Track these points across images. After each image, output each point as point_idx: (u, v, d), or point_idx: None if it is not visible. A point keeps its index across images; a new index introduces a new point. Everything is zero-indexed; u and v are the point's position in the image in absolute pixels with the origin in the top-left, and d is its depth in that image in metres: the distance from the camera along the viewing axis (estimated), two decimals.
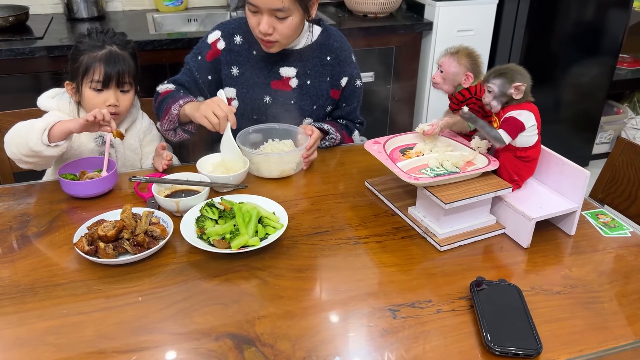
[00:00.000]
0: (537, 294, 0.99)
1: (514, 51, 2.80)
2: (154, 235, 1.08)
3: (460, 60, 1.19)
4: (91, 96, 1.40)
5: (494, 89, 1.12)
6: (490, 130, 1.13)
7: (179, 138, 1.52)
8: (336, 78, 1.57)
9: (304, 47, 1.53)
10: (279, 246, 1.11)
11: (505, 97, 1.12)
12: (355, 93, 1.62)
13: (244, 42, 1.53)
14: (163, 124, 1.48)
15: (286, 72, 1.53)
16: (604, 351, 0.87)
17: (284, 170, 1.36)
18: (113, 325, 0.90)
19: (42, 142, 1.24)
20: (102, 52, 1.39)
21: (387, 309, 0.95)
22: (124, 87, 1.42)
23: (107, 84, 1.39)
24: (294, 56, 1.53)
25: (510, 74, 1.10)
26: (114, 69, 1.38)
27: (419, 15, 2.75)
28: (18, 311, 0.93)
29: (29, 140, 1.23)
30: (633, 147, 1.52)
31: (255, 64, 1.53)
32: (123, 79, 1.40)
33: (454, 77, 1.21)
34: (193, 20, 2.75)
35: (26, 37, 2.25)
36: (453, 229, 1.12)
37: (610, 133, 3.28)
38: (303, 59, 1.54)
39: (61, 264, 1.05)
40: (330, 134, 1.53)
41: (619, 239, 1.15)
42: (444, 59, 1.22)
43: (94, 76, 1.38)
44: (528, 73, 1.12)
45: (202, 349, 0.86)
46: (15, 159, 1.30)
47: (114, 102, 1.40)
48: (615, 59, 2.94)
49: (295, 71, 1.53)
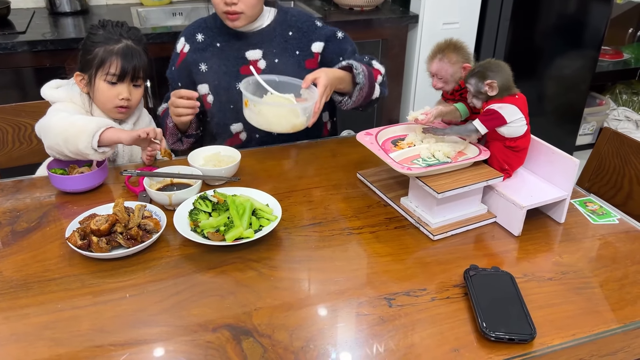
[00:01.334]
0: (529, 281, 1.00)
1: (498, 44, 2.82)
2: (147, 228, 1.08)
3: (451, 59, 1.20)
4: (105, 88, 1.39)
5: (470, 89, 1.15)
6: (460, 129, 1.17)
7: (187, 145, 1.58)
8: (305, 49, 1.56)
9: (264, 28, 1.55)
10: (273, 238, 1.11)
11: (482, 94, 1.14)
12: (343, 42, 1.59)
13: (206, 38, 1.56)
14: (168, 139, 1.54)
15: (252, 54, 1.54)
16: (596, 335, 0.89)
17: (296, 125, 1.33)
18: (109, 319, 0.90)
19: (92, 147, 1.23)
20: (119, 46, 1.38)
21: (382, 297, 0.96)
22: (137, 82, 1.42)
23: (122, 78, 1.38)
24: (256, 38, 1.54)
25: (481, 72, 1.12)
26: (130, 64, 1.38)
27: (405, 8, 2.76)
28: (12, 307, 0.92)
29: (80, 142, 1.22)
30: (618, 136, 1.54)
31: (220, 55, 1.55)
32: (137, 74, 1.40)
33: (453, 76, 1.22)
34: (178, 14, 2.73)
35: (8, 31, 2.21)
36: (445, 219, 1.13)
37: (593, 124, 3.33)
38: (265, 39, 1.54)
39: (53, 259, 1.04)
40: (356, 68, 1.43)
41: (607, 226, 1.17)
42: (436, 66, 1.22)
43: (110, 69, 1.37)
44: (507, 66, 1.14)
45: (199, 341, 0.86)
46: (54, 149, 1.28)
47: (127, 96, 1.40)
48: (597, 51, 2.98)
49: (261, 52, 1.54)
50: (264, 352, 0.84)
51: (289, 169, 1.41)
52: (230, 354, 0.83)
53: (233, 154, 1.35)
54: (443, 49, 1.21)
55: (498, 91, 1.12)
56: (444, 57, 1.21)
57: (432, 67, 1.23)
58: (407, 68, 2.83)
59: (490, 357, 0.84)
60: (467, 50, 1.22)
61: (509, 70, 1.14)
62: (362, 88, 1.44)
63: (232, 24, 1.47)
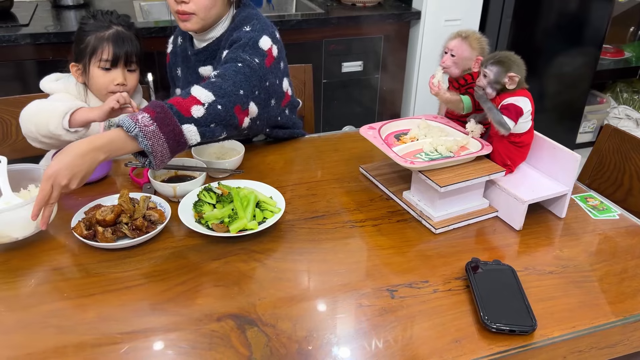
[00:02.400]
0: (530, 274, 1.01)
1: (500, 41, 2.83)
2: (152, 219, 1.09)
3: (473, 45, 1.20)
4: (99, 75, 1.41)
5: (489, 75, 1.13)
6: (496, 114, 1.13)
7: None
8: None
9: (214, 41, 1.40)
10: (276, 230, 1.12)
11: (499, 84, 1.13)
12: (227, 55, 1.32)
13: (183, 43, 1.51)
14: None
15: (204, 71, 1.45)
16: (595, 327, 0.90)
17: None
18: (115, 308, 0.91)
19: (63, 127, 1.24)
20: (110, 32, 1.40)
21: (385, 289, 0.97)
22: (131, 67, 1.44)
23: (115, 63, 1.40)
24: (204, 54, 1.43)
25: (507, 63, 1.12)
26: (122, 49, 1.40)
27: (407, 4, 2.77)
28: (18, 295, 0.93)
29: (50, 123, 1.23)
30: (619, 133, 1.55)
31: (188, 64, 1.50)
32: (130, 59, 1.42)
33: (465, 62, 1.22)
34: None
35: (11, 24, 2.21)
36: (447, 212, 1.14)
37: (593, 122, 3.34)
38: (214, 55, 1.41)
39: (59, 249, 1.05)
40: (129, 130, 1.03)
41: (608, 221, 1.19)
42: (456, 43, 1.22)
43: (102, 55, 1.39)
44: (524, 63, 1.14)
45: (204, 330, 0.87)
46: (31, 137, 1.29)
47: (122, 81, 1.42)
48: (598, 49, 2.99)
49: (212, 69, 1.42)
50: (267, 341, 0.85)
51: (292, 162, 1.41)
52: (235, 342, 0.84)
53: (237, 147, 1.36)
54: (470, 34, 1.21)
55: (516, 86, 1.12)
56: (467, 39, 1.21)
57: (452, 43, 1.22)
58: (408, 64, 2.83)
59: (491, 348, 0.85)
60: (486, 47, 1.22)
61: (524, 66, 1.14)
62: (153, 150, 1.05)
63: (183, 25, 1.34)
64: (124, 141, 1.04)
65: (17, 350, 0.82)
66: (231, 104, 1.17)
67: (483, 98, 1.16)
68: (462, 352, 0.84)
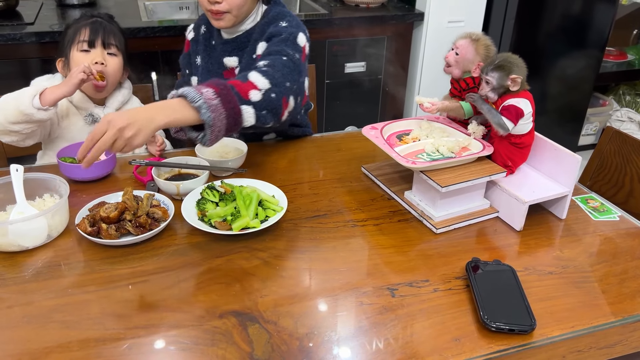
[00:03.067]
0: (530, 274, 1.02)
1: (503, 43, 2.84)
2: (155, 217, 1.10)
3: (479, 49, 1.21)
4: (79, 57, 1.42)
5: (492, 82, 1.14)
6: (494, 116, 1.14)
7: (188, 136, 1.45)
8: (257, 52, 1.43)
9: (243, 34, 1.46)
10: (278, 228, 1.13)
11: (502, 88, 1.14)
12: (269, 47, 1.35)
13: (206, 32, 1.54)
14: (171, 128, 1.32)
15: (229, 62, 1.49)
16: (594, 327, 0.90)
17: None
18: (118, 304, 0.92)
19: (34, 106, 1.25)
20: (88, 20, 1.45)
21: (385, 288, 0.97)
22: (111, 49, 1.45)
23: (93, 43, 1.42)
24: (231, 45, 1.47)
25: (507, 66, 1.12)
26: (99, 29, 1.43)
27: (410, 5, 2.78)
28: (23, 290, 0.94)
29: (20, 104, 1.24)
30: (620, 135, 1.56)
31: (211, 53, 1.53)
32: (109, 40, 1.44)
33: (466, 63, 1.22)
34: (185, 7, 2.75)
35: (16, 22, 2.23)
36: (448, 212, 1.15)
37: (595, 125, 3.34)
38: (242, 46, 1.46)
39: (63, 245, 1.06)
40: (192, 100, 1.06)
41: (608, 223, 1.19)
42: (464, 42, 1.22)
43: (80, 37, 1.42)
44: (524, 63, 1.15)
45: (207, 326, 0.88)
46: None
47: (100, 60, 1.42)
48: (601, 51, 2.99)
49: (237, 60, 1.48)
50: (269, 337, 0.86)
51: (295, 161, 1.42)
52: (237, 339, 0.85)
53: (239, 146, 1.37)
54: (480, 38, 1.22)
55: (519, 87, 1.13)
56: (476, 42, 1.21)
57: (460, 41, 1.23)
58: (411, 65, 2.84)
59: (490, 346, 0.86)
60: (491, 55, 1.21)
61: (525, 67, 1.15)
62: (212, 124, 1.07)
63: (216, 23, 1.40)
64: (186, 111, 1.06)
65: (22, 345, 0.83)
66: (282, 94, 1.21)
67: (479, 101, 1.17)
68: (462, 351, 0.85)
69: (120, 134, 1.00)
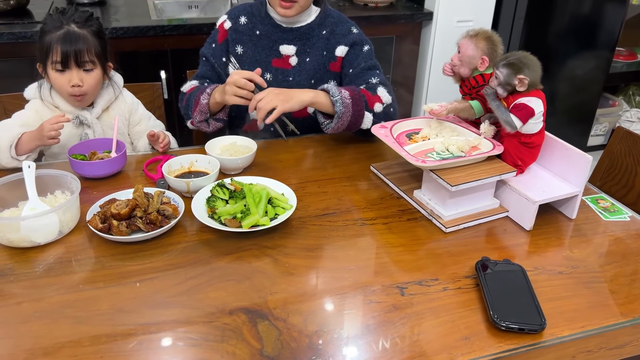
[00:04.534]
0: (540, 274, 1.02)
1: (512, 43, 2.83)
2: (165, 214, 1.10)
3: (478, 44, 1.20)
4: (55, 77, 1.39)
5: (499, 77, 1.14)
6: (503, 113, 1.14)
7: (213, 128, 1.51)
8: (331, 50, 1.57)
9: (304, 25, 1.56)
10: (288, 226, 1.13)
11: (509, 86, 1.14)
12: (361, 56, 1.55)
13: (248, 23, 1.59)
14: (195, 116, 1.48)
15: (286, 49, 1.56)
16: (604, 327, 0.90)
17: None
18: (129, 300, 0.92)
19: (12, 158, 1.28)
20: (60, 32, 1.36)
21: (395, 286, 0.97)
22: (86, 66, 1.40)
23: (66, 64, 1.37)
24: (293, 33, 1.56)
25: (518, 65, 1.12)
26: (70, 48, 1.36)
27: (419, 5, 2.77)
28: (35, 286, 0.95)
29: (1, 160, 1.28)
30: (631, 136, 1.55)
31: (257, 43, 1.57)
32: (82, 58, 1.38)
33: (470, 60, 1.22)
34: (194, 6, 2.76)
35: (27, 21, 2.25)
36: (458, 212, 1.15)
37: (605, 125, 3.32)
38: (302, 37, 1.56)
39: (74, 242, 1.07)
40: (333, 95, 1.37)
41: (619, 223, 1.19)
42: (463, 41, 1.23)
43: (53, 57, 1.37)
44: (539, 64, 1.14)
45: (217, 323, 0.88)
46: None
47: (77, 83, 1.38)
48: (611, 52, 2.98)
49: (295, 49, 1.56)
50: (279, 334, 0.86)
51: (304, 160, 1.43)
52: (247, 335, 0.86)
53: (249, 144, 1.38)
54: (478, 32, 1.22)
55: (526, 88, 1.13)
56: (474, 37, 1.21)
57: (461, 41, 1.24)
58: (420, 65, 2.84)
59: (500, 346, 0.85)
60: (498, 47, 1.21)
61: (540, 68, 1.14)
62: (340, 117, 1.38)
63: (284, 11, 1.48)
64: (325, 100, 1.39)
65: (34, 340, 0.84)
66: (395, 111, 1.49)
67: (491, 96, 1.16)
68: (471, 350, 0.84)
69: (277, 97, 1.33)
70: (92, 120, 1.45)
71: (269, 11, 1.56)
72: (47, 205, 1.11)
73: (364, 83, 1.52)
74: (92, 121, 1.46)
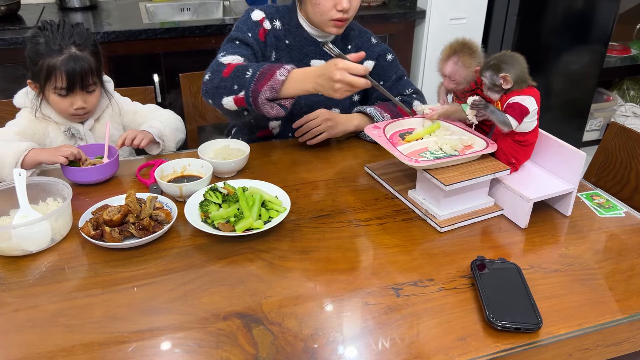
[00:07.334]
0: (536, 272, 1.01)
1: (505, 39, 2.83)
2: (158, 219, 1.09)
3: (465, 62, 1.18)
4: (57, 101, 1.37)
5: (485, 82, 1.14)
6: (499, 115, 1.13)
7: (276, 112, 1.30)
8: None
9: (335, 38, 1.53)
10: (282, 229, 1.12)
11: (497, 87, 1.14)
12: (389, 67, 1.59)
13: (281, 29, 1.51)
14: (263, 91, 1.26)
15: (316, 64, 1.52)
16: (601, 325, 0.90)
17: None
18: (122, 307, 0.92)
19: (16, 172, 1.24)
20: (62, 58, 1.33)
21: (390, 287, 0.97)
22: (89, 88, 1.38)
23: (71, 89, 1.35)
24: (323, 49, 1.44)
25: (497, 65, 1.11)
26: (76, 74, 1.34)
27: (412, 3, 2.77)
28: (27, 294, 0.94)
29: (2, 175, 1.25)
30: (625, 131, 1.55)
31: (288, 53, 1.52)
32: (87, 81, 1.36)
33: (466, 79, 1.21)
34: (186, 9, 2.75)
35: (18, 26, 2.24)
36: (452, 211, 1.14)
37: (600, 120, 3.32)
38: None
39: (66, 249, 1.06)
40: (375, 118, 1.47)
41: (614, 219, 1.18)
42: (450, 69, 1.21)
43: (57, 83, 1.33)
44: (523, 58, 1.14)
45: (211, 328, 0.87)
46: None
47: (81, 105, 1.38)
48: (605, 47, 2.98)
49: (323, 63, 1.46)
50: (274, 339, 0.85)
51: (297, 162, 1.42)
52: (241, 340, 0.85)
53: (242, 147, 1.37)
54: (457, 51, 1.19)
55: (512, 84, 1.12)
56: (458, 60, 1.19)
57: (446, 69, 1.22)
58: (414, 63, 2.83)
59: (496, 345, 0.85)
60: (480, 53, 1.20)
61: (524, 63, 1.13)
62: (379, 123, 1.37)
63: (336, 30, 1.44)
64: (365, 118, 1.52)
65: (27, 349, 0.83)
66: None
67: (480, 106, 1.16)
68: (468, 350, 0.84)
69: (326, 123, 1.44)
70: (85, 132, 1.45)
71: (300, 21, 1.50)
72: (38, 212, 1.10)
73: (398, 95, 1.58)
74: (85, 133, 1.45)
